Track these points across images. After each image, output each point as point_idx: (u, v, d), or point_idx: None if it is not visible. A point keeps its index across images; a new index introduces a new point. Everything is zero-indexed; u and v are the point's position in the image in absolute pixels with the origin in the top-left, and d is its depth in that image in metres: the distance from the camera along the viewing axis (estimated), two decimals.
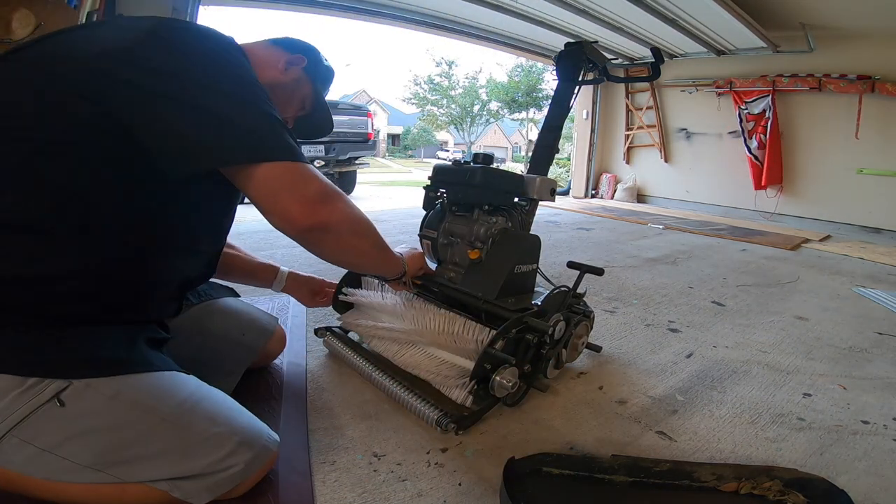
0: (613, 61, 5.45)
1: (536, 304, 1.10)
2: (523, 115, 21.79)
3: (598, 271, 1.21)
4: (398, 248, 1.11)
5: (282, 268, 1.21)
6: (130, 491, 0.66)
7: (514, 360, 0.94)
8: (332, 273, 1.28)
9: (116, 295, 0.69)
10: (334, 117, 1.09)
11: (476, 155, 1.22)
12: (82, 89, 0.61)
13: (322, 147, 4.86)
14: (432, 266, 1.32)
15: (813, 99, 4.37)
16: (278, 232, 0.70)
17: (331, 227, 0.70)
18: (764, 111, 4.57)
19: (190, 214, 0.75)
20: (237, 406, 0.76)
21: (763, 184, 4.60)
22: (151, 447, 0.65)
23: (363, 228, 0.79)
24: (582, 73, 1.40)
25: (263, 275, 1.19)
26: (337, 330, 1.30)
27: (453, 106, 23.01)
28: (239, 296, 1.15)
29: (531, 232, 1.28)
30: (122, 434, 0.64)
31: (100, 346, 0.66)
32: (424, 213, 1.33)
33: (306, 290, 1.25)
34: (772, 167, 4.54)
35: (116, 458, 0.64)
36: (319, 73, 0.98)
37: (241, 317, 1.07)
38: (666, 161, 5.59)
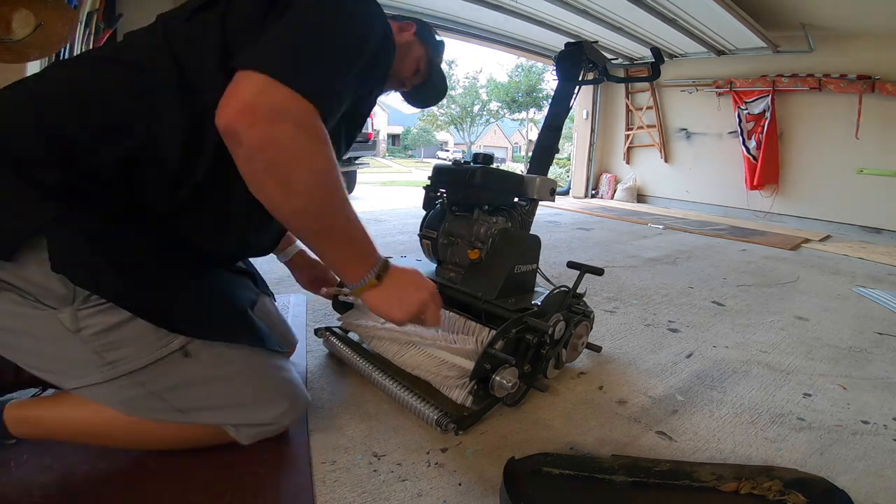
0: (613, 61, 5.45)
1: (536, 304, 1.10)
2: (523, 115, 21.80)
3: (598, 271, 1.21)
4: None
5: (297, 242, 1.21)
6: (192, 428, 0.79)
7: (514, 360, 0.94)
8: None
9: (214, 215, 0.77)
10: None
11: (476, 155, 1.22)
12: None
13: None
14: (432, 266, 1.32)
15: (813, 99, 4.37)
16: None
17: (243, 141, 0.59)
18: (764, 111, 4.58)
19: None
20: (295, 375, 0.88)
21: (757, 184, 4.61)
22: (233, 401, 0.78)
23: (302, 176, 0.62)
24: (582, 73, 1.40)
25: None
26: (337, 330, 1.30)
27: (453, 106, 23.02)
28: (275, 297, 1.16)
29: (531, 232, 1.28)
30: (216, 387, 0.77)
31: (219, 310, 0.79)
32: (424, 213, 1.33)
33: (308, 272, 1.23)
34: (767, 167, 4.55)
35: (205, 405, 0.77)
36: (431, 40, 1.07)
37: (277, 326, 1.07)
38: (666, 161, 5.58)
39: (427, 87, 1.09)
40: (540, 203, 1.35)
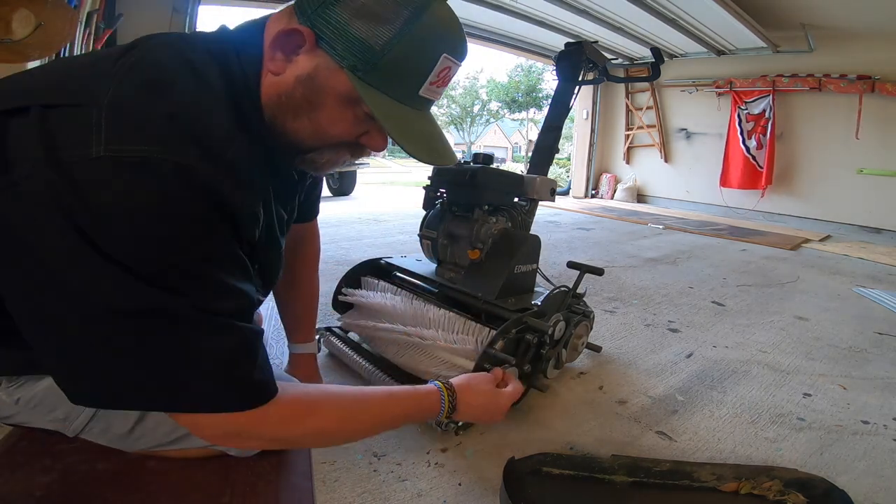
0: (613, 61, 5.45)
1: (536, 305, 1.10)
2: (523, 115, 21.81)
3: (598, 271, 1.21)
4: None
5: (310, 344, 1.07)
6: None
7: (514, 360, 0.94)
8: (337, 270, 1.28)
9: None
10: None
11: (476, 155, 1.22)
12: None
13: None
14: (432, 266, 1.32)
15: (813, 99, 4.37)
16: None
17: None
18: (764, 111, 4.58)
19: None
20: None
21: (764, 183, 4.61)
22: None
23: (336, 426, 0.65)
24: (582, 73, 1.40)
25: (291, 329, 1.06)
26: (337, 330, 1.30)
27: (453, 106, 23.02)
28: None
29: (531, 232, 1.28)
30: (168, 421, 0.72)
31: None
32: (424, 213, 1.33)
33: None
34: (770, 167, 4.56)
35: (180, 434, 0.74)
36: (353, 46, 0.51)
37: None
38: (666, 161, 5.59)
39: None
40: (540, 203, 1.35)
